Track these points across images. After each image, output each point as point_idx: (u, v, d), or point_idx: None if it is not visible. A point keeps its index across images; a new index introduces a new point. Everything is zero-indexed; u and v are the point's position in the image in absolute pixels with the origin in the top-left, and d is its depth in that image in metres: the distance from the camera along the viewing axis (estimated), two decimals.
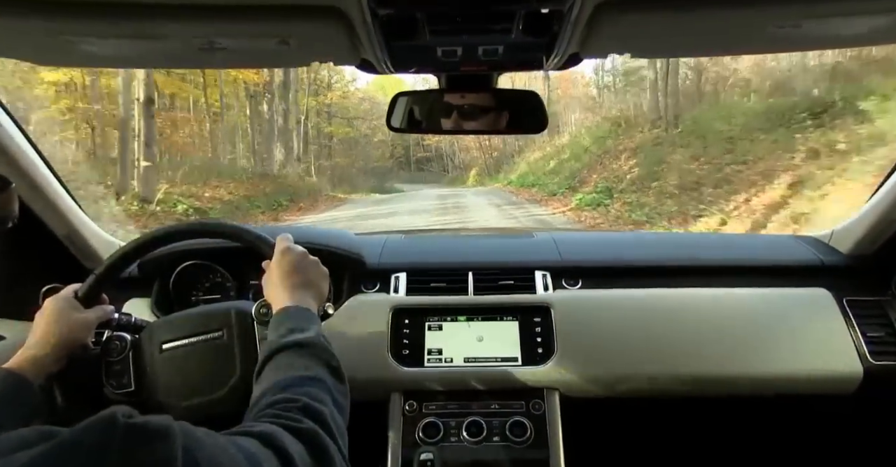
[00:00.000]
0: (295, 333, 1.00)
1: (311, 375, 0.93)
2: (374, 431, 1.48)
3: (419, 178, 40.09)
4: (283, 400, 0.85)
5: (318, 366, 0.96)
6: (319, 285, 1.20)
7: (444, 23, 0.90)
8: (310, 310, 1.10)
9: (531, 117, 1.37)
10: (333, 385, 0.95)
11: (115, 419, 0.56)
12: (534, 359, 1.53)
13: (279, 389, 0.88)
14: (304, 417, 0.82)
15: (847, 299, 1.62)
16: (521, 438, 1.43)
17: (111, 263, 1.24)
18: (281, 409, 0.83)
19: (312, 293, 1.16)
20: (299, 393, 0.87)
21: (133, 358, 1.22)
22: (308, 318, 1.07)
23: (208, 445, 0.62)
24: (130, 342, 1.23)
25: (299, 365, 0.95)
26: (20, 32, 0.86)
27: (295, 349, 0.98)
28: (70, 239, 1.65)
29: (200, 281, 1.75)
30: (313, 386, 0.90)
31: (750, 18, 0.84)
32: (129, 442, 0.54)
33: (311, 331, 1.02)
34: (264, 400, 0.87)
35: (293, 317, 1.06)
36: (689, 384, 1.53)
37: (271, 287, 1.15)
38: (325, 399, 0.89)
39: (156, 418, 0.58)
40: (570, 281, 1.70)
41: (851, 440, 1.84)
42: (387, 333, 1.56)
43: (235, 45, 0.91)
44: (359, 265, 1.71)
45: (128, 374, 1.21)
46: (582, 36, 0.89)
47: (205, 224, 1.29)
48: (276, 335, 1.02)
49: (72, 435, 0.55)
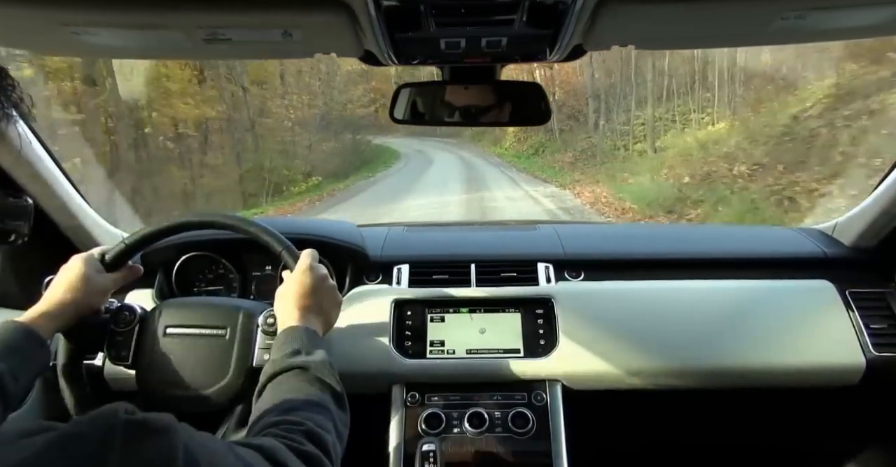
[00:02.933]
0: (301, 355, 1.01)
1: (315, 401, 0.93)
2: (377, 423, 1.48)
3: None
4: (287, 422, 0.85)
5: (323, 393, 0.96)
6: (330, 314, 1.20)
7: (448, 14, 0.90)
8: (318, 333, 1.10)
9: (534, 109, 1.37)
10: (337, 413, 0.95)
11: (118, 414, 0.57)
12: (536, 351, 1.54)
13: (283, 411, 0.89)
14: (307, 441, 0.82)
15: (850, 291, 1.62)
16: (524, 429, 1.44)
17: (145, 234, 1.25)
18: (285, 431, 0.83)
19: (322, 320, 1.16)
20: (304, 418, 0.87)
21: (138, 332, 1.24)
22: (315, 342, 1.06)
23: (208, 447, 0.62)
24: (139, 315, 1.25)
25: (305, 389, 0.96)
26: (22, 22, 0.86)
27: (301, 371, 0.98)
28: (73, 230, 1.65)
29: (203, 272, 1.75)
30: (318, 413, 0.91)
31: (755, 10, 0.83)
32: (132, 437, 0.55)
33: (318, 355, 1.02)
34: (266, 419, 0.87)
35: (301, 338, 1.05)
36: (691, 376, 1.53)
37: (283, 302, 1.16)
38: (329, 427, 0.90)
39: (157, 415, 0.59)
40: (572, 273, 1.70)
41: (854, 431, 1.84)
42: (389, 325, 1.57)
43: (239, 37, 0.91)
44: (362, 257, 1.71)
45: (128, 348, 1.23)
46: (585, 28, 0.89)
47: (241, 221, 1.27)
48: (282, 354, 1.02)
49: (74, 428, 0.55)
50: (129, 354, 1.23)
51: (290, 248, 1.24)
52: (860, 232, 1.71)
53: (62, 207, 1.57)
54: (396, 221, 2.06)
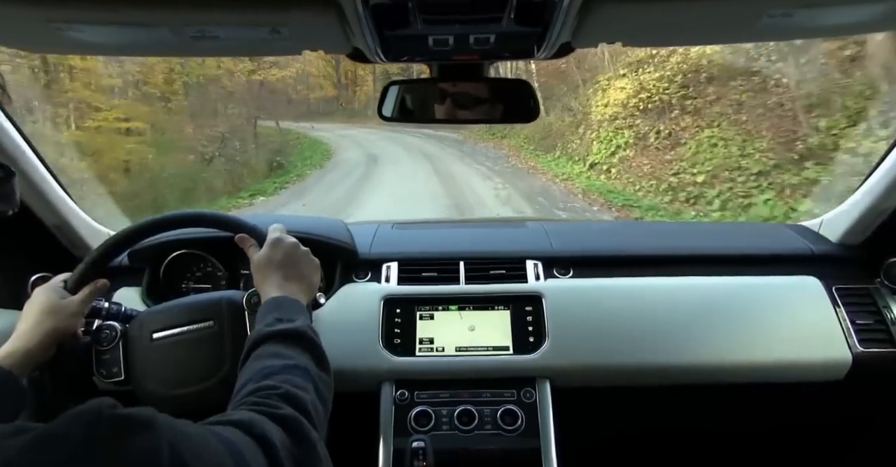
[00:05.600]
0: (282, 323, 1.00)
1: (294, 363, 0.93)
2: (366, 420, 1.48)
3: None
4: (264, 388, 0.85)
5: (303, 356, 0.96)
6: (310, 277, 1.20)
7: (436, 12, 0.90)
8: (298, 301, 1.10)
9: (523, 106, 1.37)
10: (317, 374, 0.95)
11: (100, 411, 0.56)
12: (525, 348, 1.54)
13: (261, 377, 0.88)
14: (284, 404, 0.82)
15: (836, 287, 1.63)
16: (513, 427, 1.44)
17: (102, 252, 1.23)
18: (262, 396, 0.83)
19: (303, 285, 1.16)
20: (281, 381, 0.87)
21: (123, 347, 1.22)
22: (296, 309, 1.06)
23: (191, 436, 0.62)
24: (120, 331, 1.23)
25: (283, 354, 0.95)
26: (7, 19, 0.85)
27: (280, 338, 0.98)
28: (59, 228, 1.64)
29: (191, 270, 1.74)
30: (296, 375, 0.91)
31: (742, 7, 0.84)
32: (114, 434, 0.54)
33: (299, 321, 1.02)
34: (246, 388, 0.87)
35: (281, 308, 1.05)
36: (679, 372, 1.54)
37: (261, 277, 1.15)
38: (308, 387, 0.89)
39: (139, 410, 0.58)
40: (561, 270, 1.70)
41: (840, 426, 1.86)
42: (378, 322, 1.56)
43: (227, 34, 0.90)
44: (350, 254, 1.71)
45: (118, 364, 1.21)
46: (574, 25, 0.89)
47: (199, 214, 1.27)
48: (263, 324, 1.02)
49: (56, 427, 0.54)
50: (120, 370, 1.21)
51: (256, 228, 1.24)
52: (846, 228, 1.73)
53: (47, 205, 1.56)
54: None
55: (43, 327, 1.10)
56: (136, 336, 1.23)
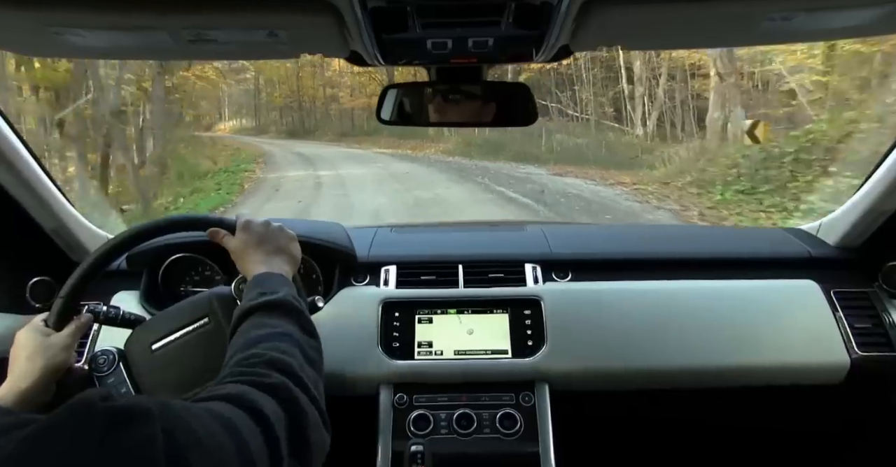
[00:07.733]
0: (265, 296, 1.01)
1: (278, 331, 0.94)
2: (365, 424, 1.48)
3: None
4: (249, 356, 0.85)
5: (287, 323, 0.97)
6: (289, 249, 1.21)
7: (435, 15, 0.90)
8: (282, 275, 1.11)
9: (521, 110, 1.37)
10: (303, 339, 0.95)
11: (93, 403, 0.55)
12: (524, 352, 1.54)
13: (246, 347, 0.89)
14: (271, 371, 0.82)
15: (835, 291, 1.63)
16: (512, 431, 1.44)
17: (74, 284, 1.17)
18: (247, 366, 0.83)
19: (285, 257, 1.17)
20: (265, 348, 0.87)
21: (125, 366, 1.21)
22: (278, 282, 1.07)
23: (185, 418, 0.61)
24: (117, 353, 1.21)
25: (267, 323, 0.96)
26: (7, 23, 0.85)
27: (264, 310, 0.99)
28: (57, 232, 1.63)
29: (189, 274, 1.74)
30: (280, 341, 0.91)
31: (741, 11, 0.84)
32: (109, 426, 0.54)
33: (281, 292, 1.03)
34: (233, 359, 0.87)
35: (263, 283, 1.06)
36: (677, 376, 1.54)
37: (242, 261, 1.17)
38: (294, 351, 0.90)
39: (132, 399, 0.58)
40: (560, 273, 1.70)
41: (839, 430, 1.85)
42: (377, 326, 1.56)
43: (225, 38, 0.90)
44: (349, 258, 1.70)
45: (124, 384, 1.19)
46: (572, 29, 0.89)
47: (169, 220, 1.27)
48: (247, 300, 1.02)
49: (50, 421, 0.54)
50: (129, 389, 1.19)
51: (223, 219, 1.24)
52: (844, 232, 1.73)
53: (44, 209, 1.56)
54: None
55: (35, 365, 1.05)
56: (136, 351, 1.21)
